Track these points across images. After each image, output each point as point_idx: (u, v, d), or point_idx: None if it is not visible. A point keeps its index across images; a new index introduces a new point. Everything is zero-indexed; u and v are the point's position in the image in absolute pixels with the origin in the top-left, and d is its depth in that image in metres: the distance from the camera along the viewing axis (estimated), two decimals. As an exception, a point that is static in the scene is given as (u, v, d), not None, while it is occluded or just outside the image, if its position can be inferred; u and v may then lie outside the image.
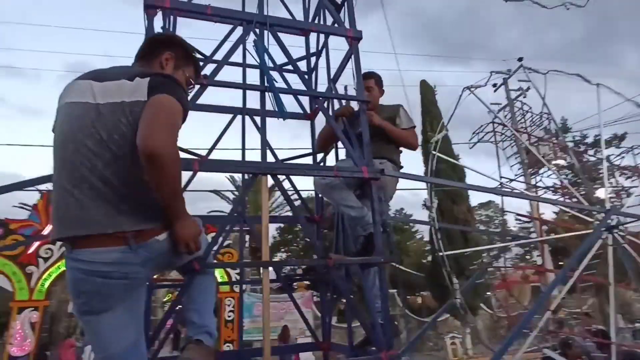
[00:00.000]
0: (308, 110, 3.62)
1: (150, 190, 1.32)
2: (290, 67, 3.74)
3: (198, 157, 3.28)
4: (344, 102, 2.87)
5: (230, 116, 3.25)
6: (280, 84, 2.55)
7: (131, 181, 1.33)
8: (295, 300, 2.94)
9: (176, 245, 1.41)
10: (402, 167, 2.88)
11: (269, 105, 2.37)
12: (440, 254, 4.31)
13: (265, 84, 2.31)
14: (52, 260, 9.57)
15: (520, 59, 13.15)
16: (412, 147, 2.84)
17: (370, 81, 2.93)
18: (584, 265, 3.48)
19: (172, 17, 3.13)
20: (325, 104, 3.13)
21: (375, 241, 2.24)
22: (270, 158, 3.45)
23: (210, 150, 3.25)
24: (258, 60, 2.36)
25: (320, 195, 3.09)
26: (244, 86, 2.42)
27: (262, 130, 2.26)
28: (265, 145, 2.24)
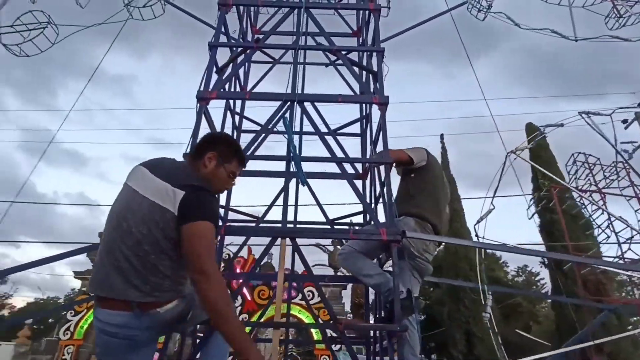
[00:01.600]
0: (360, 171, 3.77)
1: (163, 277, 1.60)
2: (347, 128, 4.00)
3: (255, 218, 3.64)
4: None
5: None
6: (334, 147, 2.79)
7: (148, 266, 1.58)
8: (335, 357, 2.86)
9: None
10: (432, 223, 2.64)
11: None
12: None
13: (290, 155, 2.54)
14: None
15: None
16: (398, 159, 2.65)
17: None
18: None
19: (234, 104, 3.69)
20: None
21: (394, 308, 2.14)
22: (320, 217, 3.64)
23: (265, 213, 3.57)
24: (286, 135, 2.62)
25: None
26: (272, 157, 2.70)
27: (284, 195, 2.45)
28: (286, 209, 2.42)
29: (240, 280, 3.32)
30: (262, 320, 11.66)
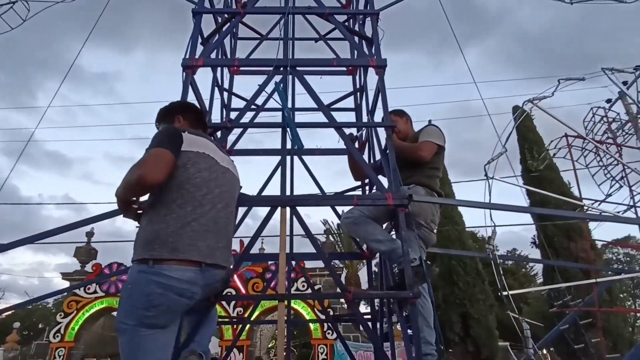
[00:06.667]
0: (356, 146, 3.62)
1: (230, 238, 1.74)
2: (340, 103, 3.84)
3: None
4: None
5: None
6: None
7: (231, 227, 1.73)
8: (341, 336, 2.74)
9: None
10: (440, 192, 2.60)
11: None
12: (505, 293, 3.63)
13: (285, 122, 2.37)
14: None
15: (637, 68, 11.20)
16: (418, 158, 2.54)
17: (391, 116, 2.84)
18: None
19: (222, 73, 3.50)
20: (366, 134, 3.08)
21: (405, 274, 2.01)
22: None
23: (262, 188, 3.40)
24: (279, 102, 2.46)
25: None
26: (266, 125, 2.53)
27: (282, 164, 2.30)
28: (284, 179, 2.26)
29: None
30: (257, 313, 11.52)
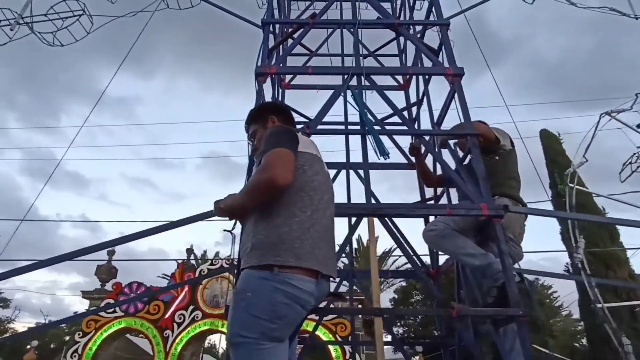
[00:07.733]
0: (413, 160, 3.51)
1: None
2: (392, 119, 3.74)
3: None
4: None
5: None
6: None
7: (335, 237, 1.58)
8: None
9: None
10: (525, 203, 2.44)
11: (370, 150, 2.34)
12: (599, 305, 3.40)
13: (365, 128, 2.29)
14: (184, 325, 10.51)
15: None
16: (485, 134, 2.43)
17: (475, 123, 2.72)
18: None
19: (278, 87, 3.48)
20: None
21: (509, 290, 1.85)
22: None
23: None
24: (356, 108, 2.39)
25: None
26: (346, 131, 2.46)
27: (365, 174, 2.20)
28: (369, 189, 2.15)
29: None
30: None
